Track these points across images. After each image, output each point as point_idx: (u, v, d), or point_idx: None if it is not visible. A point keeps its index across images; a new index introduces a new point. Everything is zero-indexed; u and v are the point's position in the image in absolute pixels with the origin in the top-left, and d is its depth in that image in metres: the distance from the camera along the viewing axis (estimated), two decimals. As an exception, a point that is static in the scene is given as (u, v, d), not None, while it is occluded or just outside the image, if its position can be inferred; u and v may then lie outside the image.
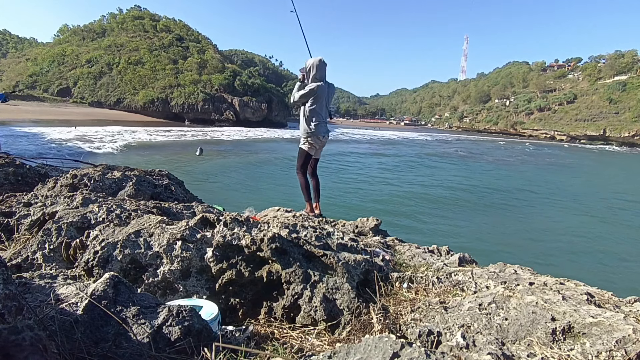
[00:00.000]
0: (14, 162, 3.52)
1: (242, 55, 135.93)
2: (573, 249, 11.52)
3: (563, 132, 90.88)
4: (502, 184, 22.65)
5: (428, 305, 1.59)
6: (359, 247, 2.10)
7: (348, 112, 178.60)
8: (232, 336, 1.47)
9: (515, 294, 1.46)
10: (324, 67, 3.71)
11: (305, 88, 3.65)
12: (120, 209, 2.21)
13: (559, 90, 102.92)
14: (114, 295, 1.16)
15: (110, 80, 69.21)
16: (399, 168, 27.50)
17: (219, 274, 1.74)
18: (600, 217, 15.75)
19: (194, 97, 66.35)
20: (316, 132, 3.78)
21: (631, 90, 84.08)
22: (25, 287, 1.24)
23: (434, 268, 2.13)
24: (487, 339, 1.20)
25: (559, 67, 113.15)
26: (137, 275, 1.70)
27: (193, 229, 1.85)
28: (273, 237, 1.79)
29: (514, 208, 16.57)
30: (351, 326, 1.52)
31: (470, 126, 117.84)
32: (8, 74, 75.32)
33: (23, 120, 39.75)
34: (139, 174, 3.75)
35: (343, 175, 21.94)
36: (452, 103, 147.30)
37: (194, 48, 79.39)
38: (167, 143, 33.86)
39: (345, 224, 3.65)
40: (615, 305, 1.51)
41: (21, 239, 2.05)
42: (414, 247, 2.86)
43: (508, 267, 2.18)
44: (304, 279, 1.69)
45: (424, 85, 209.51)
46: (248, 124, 66.69)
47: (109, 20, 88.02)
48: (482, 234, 12.37)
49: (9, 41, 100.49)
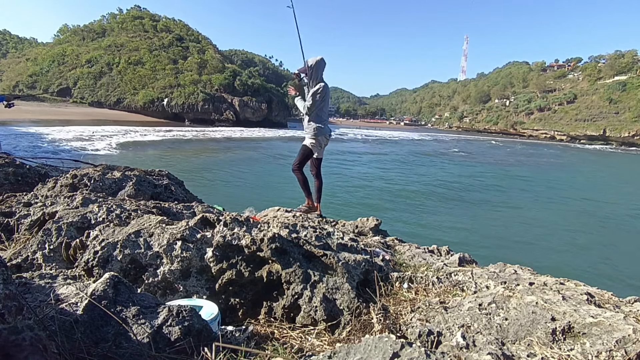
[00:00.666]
0: (14, 162, 3.52)
1: (242, 55, 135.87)
2: (573, 249, 11.52)
3: (563, 132, 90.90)
4: (501, 183, 22.66)
5: (428, 305, 1.59)
6: (359, 247, 2.10)
7: (348, 112, 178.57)
8: (232, 336, 1.47)
9: (515, 294, 1.46)
10: (324, 67, 3.73)
11: (316, 89, 3.64)
12: (120, 209, 2.21)
13: (559, 90, 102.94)
14: (114, 295, 1.16)
15: (110, 80, 69.22)
16: (398, 167, 27.51)
17: (219, 274, 1.74)
18: (600, 217, 15.76)
19: (194, 97, 66.37)
20: (323, 131, 3.84)
21: (631, 90, 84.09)
22: (25, 287, 1.24)
23: (434, 268, 2.13)
24: (487, 339, 1.20)
25: (559, 67, 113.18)
26: (137, 275, 1.70)
27: (193, 229, 1.85)
28: (273, 237, 1.78)
29: (514, 208, 16.58)
30: (351, 326, 1.52)
31: (470, 126, 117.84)
32: (8, 74, 75.33)
33: (23, 120, 39.73)
34: (139, 174, 3.75)
35: (343, 175, 21.94)
36: (452, 103, 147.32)
37: (194, 48, 79.40)
38: (167, 143, 33.85)
39: (345, 224, 3.65)
40: (615, 305, 1.51)
41: (21, 239, 2.05)
42: (414, 247, 2.86)
43: (508, 267, 2.18)
44: (304, 279, 1.69)
45: (424, 85, 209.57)
46: (248, 124, 66.71)
47: (109, 20, 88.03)
48: (482, 234, 12.37)
49: (9, 41, 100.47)
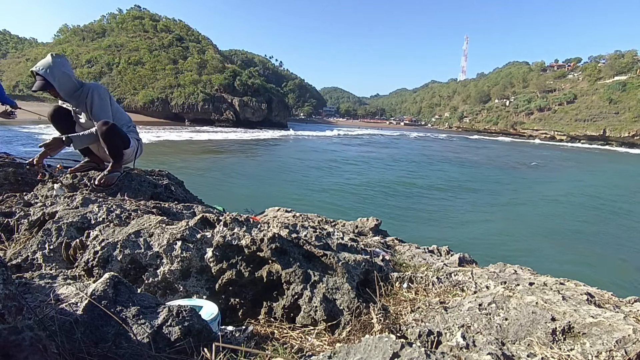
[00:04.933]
0: (14, 162, 3.52)
1: (242, 55, 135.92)
2: (573, 248, 11.52)
3: (563, 132, 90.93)
4: (499, 182, 22.66)
5: (428, 305, 1.59)
6: (359, 247, 2.10)
7: (348, 112, 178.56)
8: (232, 336, 1.47)
9: (515, 294, 1.46)
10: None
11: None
12: (120, 209, 2.21)
13: (558, 90, 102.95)
14: (114, 295, 1.16)
15: (110, 80, 69.21)
16: (398, 167, 27.51)
17: (219, 274, 1.74)
18: (600, 217, 15.76)
19: (194, 97, 66.39)
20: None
21: (631, 91, 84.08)
22: (25, 287, 1.24)
23: (434, 268, 2.13)
24: (487, 339, 1.20)
25: (559, 67, 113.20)
26: (137, 275, 1.70)
27: (193, 229, 1.85)
28: (273, 237, 1.78)
29: (514, 208, 16.58)
30: (351, 326, 1.52)
31: (470, 126, 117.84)
32: (8, 74, 75.31)
33: (23, 120, 39.73)
34: (139, 174, 3.75)
35: (343, 174, 21.94)
36: (452, 103, 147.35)
37: (194, 48, 79.42)
38: (167, 143, 33.85)
39: (345, 224, 3.65)
40: (615, 305, 1.51)
41: (21, 239, 2.05)
42: (413, 247, 2.86)
43: (508, 267, 2.18)
44: (304, 279, 1.69)
45: (424, 86, 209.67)
46: (248, 124, 66.75)
47: (109, 21, 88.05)
48: (482, 234, 12.37)
49: (9, 41, 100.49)
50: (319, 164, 26.36)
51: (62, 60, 2.99)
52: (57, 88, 2.93)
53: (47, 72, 2.87)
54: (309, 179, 20.30)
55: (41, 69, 2.86)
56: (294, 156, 30.54)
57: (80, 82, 3.11)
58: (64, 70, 2.95)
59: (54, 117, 3.26)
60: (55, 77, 2.90)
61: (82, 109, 3.13)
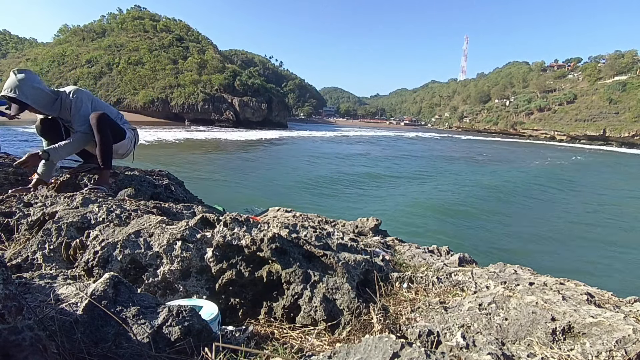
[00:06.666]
0: (14, 161, 3.52)
1: (242, 55, 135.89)
2: (573, 248, 11.52)
3: (563, 132, 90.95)
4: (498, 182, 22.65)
5: (428, 305, 1.59)
6: (359, 247, 2.10)
7: (348, 112, 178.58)
8: (232, 336, 1.47)
9: (515, 294, 1.46)
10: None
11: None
12: (120, 209, 2.21)
13: (558, 90, 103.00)
14: (114, 295, 1.16)
15: (110, 80, 69.24)
16: (397, 165, 27.53)
17: (219, 274, 1.74)
18: (601, 217, 15.75)
19: (194, 97, 66.40)
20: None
21: (631, 91, 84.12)
22: (25, 287, 1.24)
23: (434, 268, 2.13)
24: (487, 339, 1.20)
25: (559, 67, 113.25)
26: (137, 276, 1.70)
27: (193, 229, 1.85)
28: (273, 237, 1.78)
29: (514, 207, 16.57)
30: (351, 326, 1.52)
31: (470, 126, 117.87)
32: (8, 74, 75.22)
33: (23, 120, 39.73)
34: (139, 174, 3.75)
35: (343, 174, 21.94)
36: (452, 103, 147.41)
37: (194, 48, 79.41)
38: (167, 143, 33.85)
39: (345, 224, 3.65)
40: (615, 305, 1.51)
41: (21, 239, 2.05)
42: (413, 247, 2.86)
43: (508, 267, 2.18)
44: (304, 279, 1.69)
45: (424, 86, 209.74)
46: (248, 124, 66.76)
47: (109, 21, 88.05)
48: (482, 234, 12.37)
49: (9, 41, 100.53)
50: (319, 164, 26.41)
51: (28, 75, 2.81)
52: (32, 105, 2.78)
53: (17, 92, 2.71)
54: (309, 179, 20.30)
55: (10, 92, 2.71)
56: (294, 156, 30.58)
57: (56, 92, 2.97)
58: (34, 85, 2.79)
59: (42, 130, 3.16)
60: (28, 95, 2.74)
61: (66, 117, 3.02)
